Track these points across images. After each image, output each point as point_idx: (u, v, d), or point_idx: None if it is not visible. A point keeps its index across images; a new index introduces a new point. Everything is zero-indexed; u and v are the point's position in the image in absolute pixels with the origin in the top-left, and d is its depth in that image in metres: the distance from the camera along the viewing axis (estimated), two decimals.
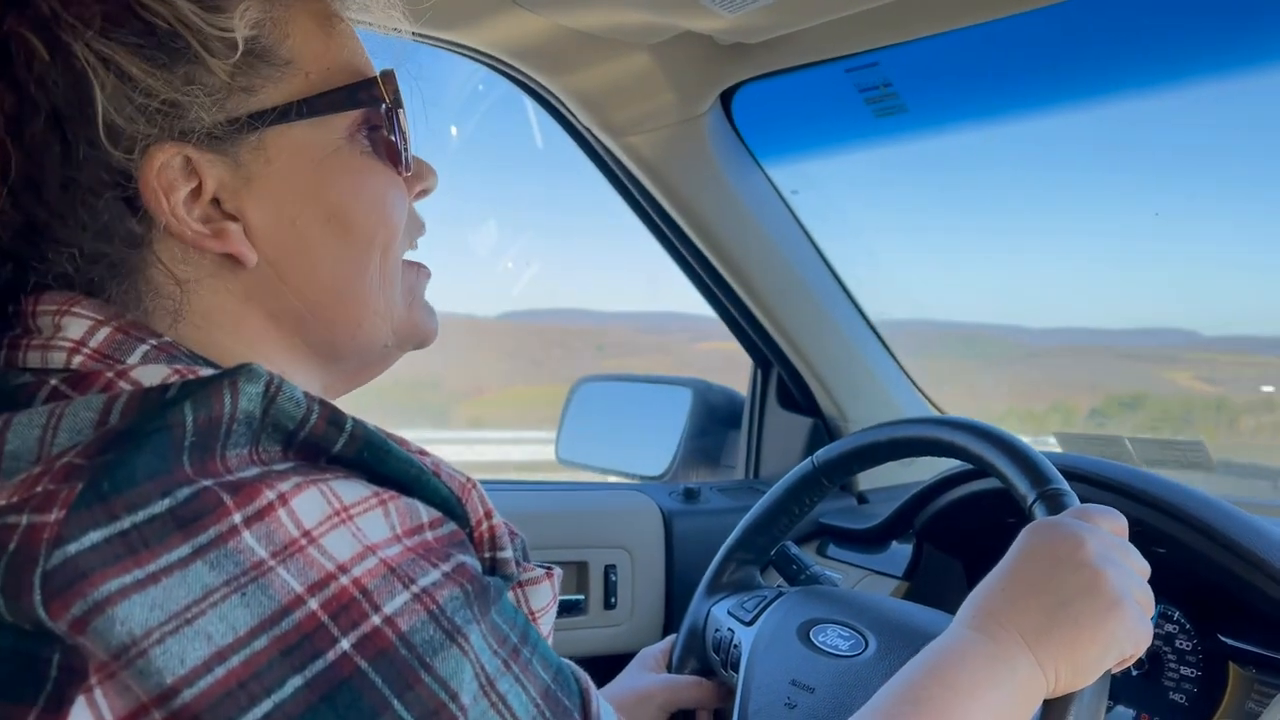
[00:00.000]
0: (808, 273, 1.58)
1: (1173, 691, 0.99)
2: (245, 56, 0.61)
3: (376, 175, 0.66)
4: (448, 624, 0.49)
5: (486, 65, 1.36)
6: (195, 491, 0.47)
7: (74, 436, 0.50)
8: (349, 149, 0.65)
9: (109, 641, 0.44)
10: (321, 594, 0.47)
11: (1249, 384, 2.26)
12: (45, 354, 0.57)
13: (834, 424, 1.71)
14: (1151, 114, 1.36)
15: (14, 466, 0.50)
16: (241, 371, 0.51)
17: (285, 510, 0.48)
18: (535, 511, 1.54)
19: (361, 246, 0.65)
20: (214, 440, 0.49)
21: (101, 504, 0.45)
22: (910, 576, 1.30)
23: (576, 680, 0.57)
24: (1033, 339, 3.02)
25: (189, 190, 0.60)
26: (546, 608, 0.70)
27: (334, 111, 0.64)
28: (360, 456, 0.54)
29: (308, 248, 0.64)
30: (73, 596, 0.43)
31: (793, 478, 1.10)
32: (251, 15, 0.61)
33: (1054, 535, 0.74)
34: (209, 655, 0.44)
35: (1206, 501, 0.94)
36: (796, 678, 0.95)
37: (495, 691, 0.51)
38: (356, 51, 0.68)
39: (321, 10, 0.66)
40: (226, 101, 0.60)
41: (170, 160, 0.59)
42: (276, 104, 0.62)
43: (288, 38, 0.63)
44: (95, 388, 0.54)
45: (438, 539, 0.53)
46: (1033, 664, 0.69)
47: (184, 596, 0.45)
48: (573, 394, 2.02)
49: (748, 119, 1.45)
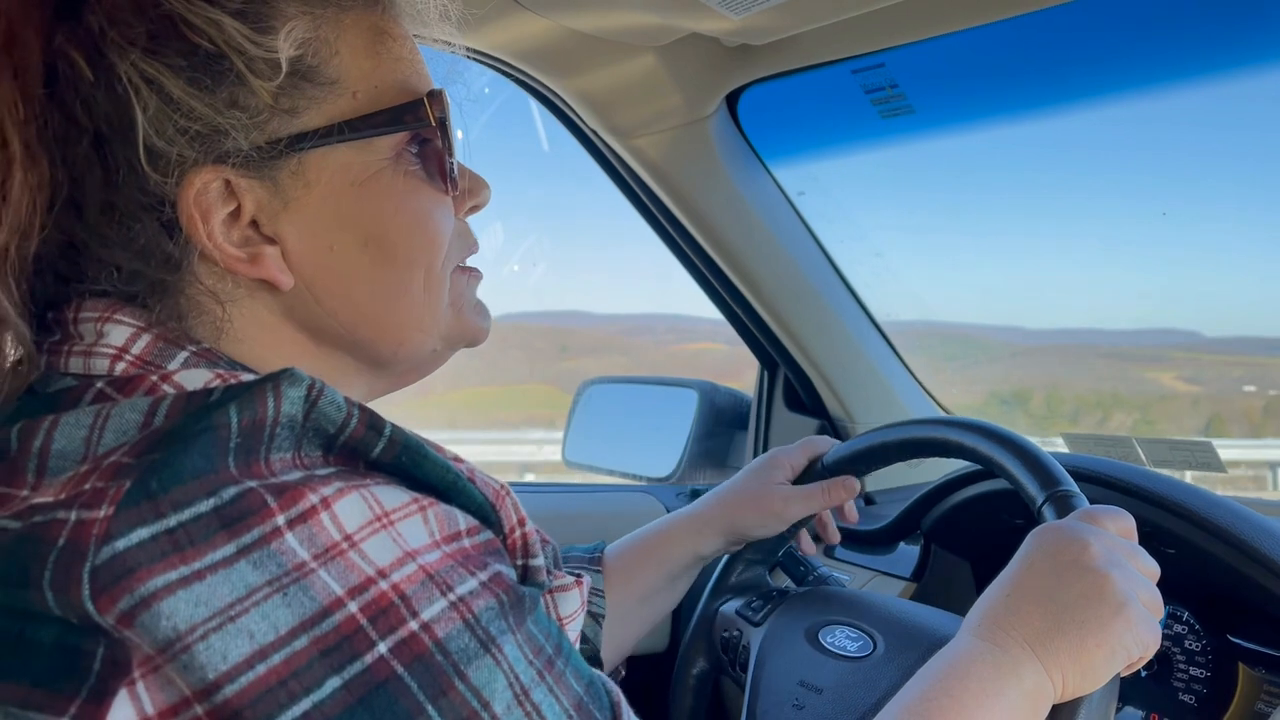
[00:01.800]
0: (814, 274, 1.58)
1: (1182, 692, 0.99)
2: (289, 78, 0.60)
3: (420, 195, 0.65)
4: (483, 633, 0.50)
5: (492, 68, 1.36)
6: (240, 492, 0.48)
7: (120, 437, 0.52)
8: (392, 170, 0.64)
9: (155, 636, 0.45)
10: (361, 597, 0.48)
11: (1233, 383, 2.27)
12: (88, 360, 0.58)
13: (841, 425, 1.71)
14: (1159, 114, 1.35)
15: (61, 465, 0.51)
16: (284, 376, 0.52)
17: (328, 514, 0.49)
18: (542, 513, 1.54)
19: (402, 268, 0.65)
20: (258, 443, 0.50)
21: (149, 502, 0.46)
22: (918, 578, 1.29)
23: (608, 693, 0.57)
24: (1021, 339, 3.03)
25: (227, 213, 0.61)
26: (575, 614, 0.71)
27: (378, 133, 0.63)
28: (399, 461, 0.54)
29: (345, 272, 0.64)
30: (120, 591, 0.45)
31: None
32: (298, 34, 0.60)
33: (1059, 539, 0.74)
34: (251, 653, 0.45)
35: (1216, 502, 0.94)
36: (804, 678, 0.95)
37: (530, 701, 0.51)
38: (409, 68, 0.66)
39: (373, 26, 0.65)
40: (268, 124, 0.60)
41: (209, 184, 0.60)
42: (319, 126, 0.61)
43: (335, 56, 0.62)
44: (140, 391, 0.55)
45: (475, 546, 0.54)
46: (1040, 671, 0.69)
47: (228, 594, 0.46)
48: (579, 396, 2.02)
49: (754, 121, 1.45)
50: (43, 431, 0.52)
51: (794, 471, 1.08)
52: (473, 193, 0.71)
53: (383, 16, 0.66)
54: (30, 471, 0.51)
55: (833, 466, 1.08)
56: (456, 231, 0.69)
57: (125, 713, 0.45)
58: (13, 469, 0.52)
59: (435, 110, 0.65)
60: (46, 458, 0.51)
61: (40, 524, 0.47)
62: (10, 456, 0.52)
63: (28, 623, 0.47)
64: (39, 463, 0.51)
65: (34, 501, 0.49)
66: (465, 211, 0.71)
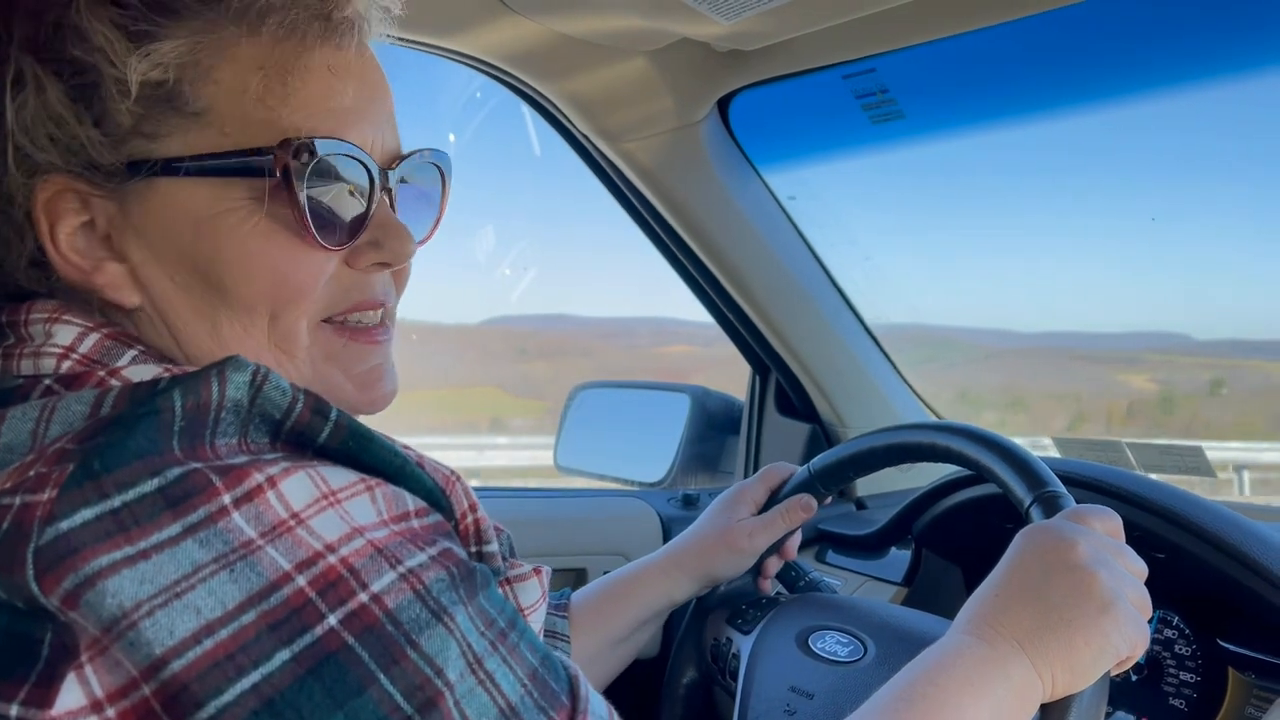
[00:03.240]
0: (805, 279, 1.58)
1: (1172, 697, 0.99)
2: (152, 102, 0.58)
3: (272, 244, 0.61)
4: (434, 603, 0.50)
5: (483, 72, 1.36)
6: (185, 473, 0.48)
7: (66, 427, 0.52)
8: (246, 212, 0.60)
9: (100, 614, 0.45)
10: (309, 571, 0.48)
11: (1204, 384, 2.28)
12: (36, 360, 0.58)
13: (832, 430, 1.71)
14: (1146, 119, 1.36)
15: (7, 458, 0.51)
16: (229, 363, 0.52)
17: (274, 493, 0.49)
18: (533, 518, 1.53)
19: (241, 312, 0.62)
20: (202, 426, 0.50)
21: (92, 483, 0.46)
22: (909, 582, 1.29)
23: (565, 668, 0.57)
24: (997, 340, 3.04)
25: (81, 223, 0.60)
26: (536, 604, 0.70)
27: (225, 175, 0.60)
28: (345, 446, 0.54)
29: (186, 304, 0.62)
30: (64, 571, 0.45)
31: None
32: (160, 57, 0.58)
33: (1046, 539, 0.74)
34: (198, 628, 0.45)
35: (1205, 507, 0.94)
36: (796, 684, 0.94)
37: (483, 669, 0.51)
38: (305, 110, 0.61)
39: (266, 59, 0.60)
40: (126, 144, 0.59)
41: (61, 191, 0.60)
42: (171, 156, 0.59)
43: (211, 85, 0.59)
44: (88, 385, 0.55)
45: (424, 527, 0.54)
46: (1028, 668, 0.69)
47: (173, 572, 0.46)
48: (571, 400, 2.01)
49: (745, 125, 1.45)
50: None
51: (756, 505, 1.10)
52: (377, 246, 0.66)
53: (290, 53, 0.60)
54: None
55: (821, 474, 1.08)
56: (340, 284, 0.65)
57: (74, 696, 0.45)
58: None
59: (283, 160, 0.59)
60: None
61: None
62: None
63: None
64: None
65: None
66: (368, 265, 0.66)
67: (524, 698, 0.52)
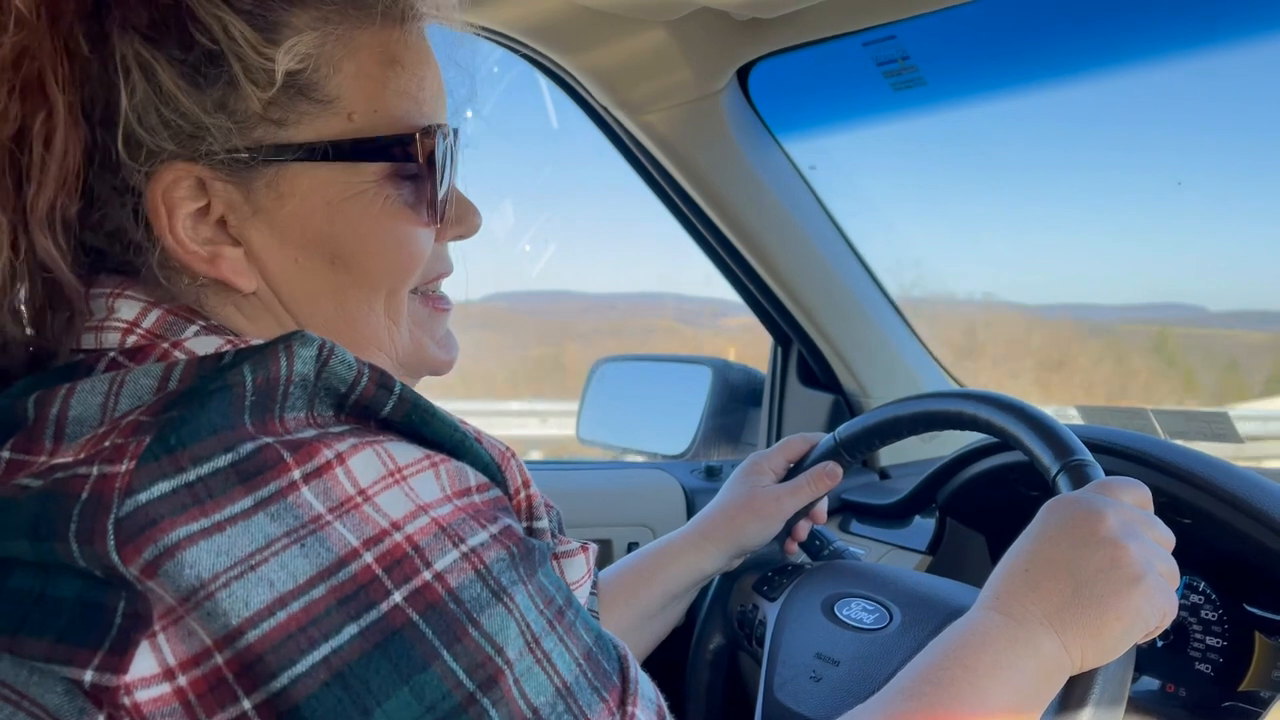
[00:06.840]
0: (826, 248, 1.58)
1: (1199, 662, 0.99)
2: (285, 90, 0.60)
3: (398, 220, 0.65)
4: (494, 583, 0.51)
5: (501, 45, 1.36)
6: (257, 448, 0.49)
7: (136, 401, 0.53)
8: (374, 193, 0.63)
9: (178, 585, 0.46)
10: (376, 548, 0.49)
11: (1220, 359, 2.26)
12: (99, 334, 0.59)
13: (855, 400, 1.71)
14: (1173, 85, 1.34)
15: (78, 430, 0.52)
16: (295, 337, 0.53)
17: (342, 469, 0.50)
18: (558, 490, 1.54)
19: (366, 288, 0.65)
20: (272, 401, 0.51)
21: (169, 456, 0.47)
22: (933, 551, 1.30)
23: (615, 647, 0.58)
24: (1022, 311, 3.02)
25: (196, 208, 0.61)
26: (581, 581, 0.71)
27: (364, 160, 0.63)
28: (409, 419, 0.55)
29: (309, 285, 0.64)
30: (145, 542, 0.46)
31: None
32: (301, 49, 0.60)
33: (1074, 511, 0.74)
34: (271, 600, 0.47)
35: (1232, 472, 0.94)
36: (821, 651, 0.95)
37: (540, 649, 0.52)
38: (410, 101, 0.64)
39: (385, 51, 0.63)
40: (253, 130, 0.60)
41: (180, 180, 0.60)
42: (304, 141, 0.61)
43: (338, 74, 0.61)
44: (153, 358, 0.56)
45: (485, 502, 0.55)
46: (1057, 644, 0.69)
47: (247, 545, 0.47)
48: (592, 374, 2.02)
49: (765, 95, 1.44)
50: (59, 399, 0.53)
51: (775, 474, 1.10)
52: (459, 221, 0.70)
53: (399, 41, 0.64)
54: (48, 438, 0.52)
55: (847, 443, 1.08)
56: (433, 255, 0.69)
57: (147, 664, 0.47)
58: (30, 436, 0.53)
59: (427, 146, 0.64)
60: (64, 424, 0.53)
61: (62, 480, 0.48)
62: (27, 425, 0.53)
63: (50, 579, 0.48)
64: (56, 429, 0.53)
65: (54, 463, 0.50)
66: (450, 238, 0.71)
67: (579, 677, 0.53)
